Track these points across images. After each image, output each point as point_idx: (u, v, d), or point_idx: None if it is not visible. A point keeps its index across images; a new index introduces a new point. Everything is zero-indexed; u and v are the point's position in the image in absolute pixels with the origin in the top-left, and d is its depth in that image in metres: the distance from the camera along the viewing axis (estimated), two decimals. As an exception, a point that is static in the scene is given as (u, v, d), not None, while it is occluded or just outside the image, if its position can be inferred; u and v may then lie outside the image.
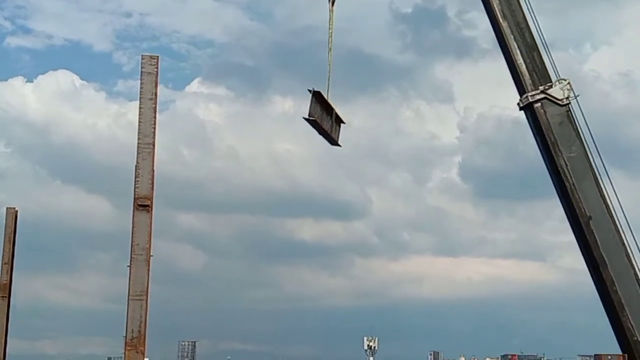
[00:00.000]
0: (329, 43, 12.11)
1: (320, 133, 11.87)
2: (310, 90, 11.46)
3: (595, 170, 11.05)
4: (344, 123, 12.38)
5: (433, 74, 47.72)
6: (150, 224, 9.52)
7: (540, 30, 11.24)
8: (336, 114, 12.01)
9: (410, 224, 42.66)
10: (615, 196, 11.00)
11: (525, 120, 11.48)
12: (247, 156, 41.29)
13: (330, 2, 12.23)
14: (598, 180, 11.03)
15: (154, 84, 9.88)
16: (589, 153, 11.05)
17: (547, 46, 11.25)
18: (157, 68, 9.92)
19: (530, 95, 11.13)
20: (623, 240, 10.94)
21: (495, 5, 11.32)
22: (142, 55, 10.21)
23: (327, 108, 11.84)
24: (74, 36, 53.57)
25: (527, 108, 11.28)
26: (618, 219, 10.93)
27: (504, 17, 11.29)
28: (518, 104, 11.41)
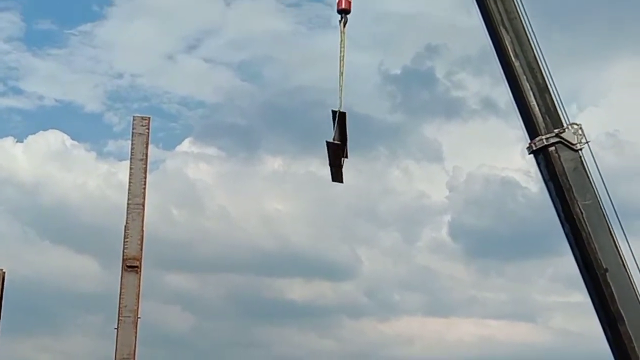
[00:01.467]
0: (340, 67, 11.47)
1: (332, 164, 11.30)
2: (334, 112, 11.09)
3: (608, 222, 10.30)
4: (347, 157, 11.71)
5: (422, 133, 45.40)
6: (139, 285, 9.81)
7: (550, 72, 10.61)
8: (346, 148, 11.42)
9: (401, 283, 41.14)
10: (629, 249, 10.22)
11: (525, 171, 10.67)
12: (237, 215, 41.64)
13: (342, 24, 11.65)
14: (612, 231, 10.30)
15: (144, 145, 10.28)
16: (601, 202, 10.34)
17: (556, 88, 10.60)
18: (148, 129, 10.28)
19: (545, 138, 10.41)
20: (638, 296, 10.14)
21: (507, 43, 10.67)
22: (133, 117, 10.55)
23: (342, 138, 11.31)
24: (65, 97, 55.83)
25: (540, 152, 10.53)
26: (631, 273, 10.18)
27: (516, 56, 10.63)
28: (528, 147, 10.66)
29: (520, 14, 10.75)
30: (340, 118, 10.97)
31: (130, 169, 10.27)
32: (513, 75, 10.64)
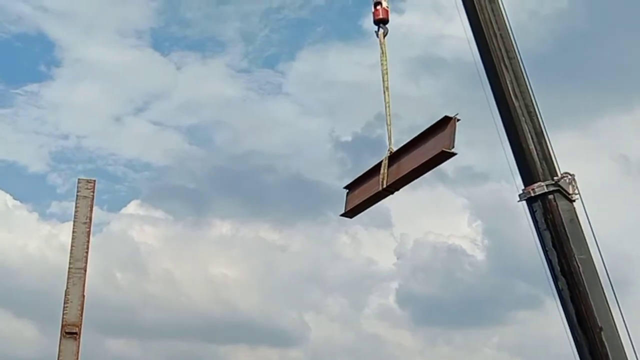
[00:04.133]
0: (384, 82, 10.37)
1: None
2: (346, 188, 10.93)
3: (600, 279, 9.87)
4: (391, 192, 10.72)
5: None
6: (77, 352, 9.46)
7: (543, 121, 10.08)
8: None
9: (348, 351, 41.57)
10: (619, 309, 9.77)
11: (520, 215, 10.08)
12: (182, 280, 40.38)
13: (382, 35, 10.63)
14: (603, 290, 9.86)
15: (89, 208, 9.97)
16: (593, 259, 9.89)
17: (548, 137, 10.09)
18: (93, 192, 10.02)
19: (546, 185, 9.87)
20: (627, 357, 9.72)
21: (508, 82, 10.15)
22: (78, 179, 10.17)
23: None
24: (9, 157, 52.15)
25: (537, 199, 9.95)
26: (619, 333, 9.76)
27: (516, 97, 10.11)
28: (522, 194, 10.09)
29: (517, 55, 10.27)
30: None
31: (73, 232, 9.92)
32: (511, 117, 10.09)
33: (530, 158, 9.96)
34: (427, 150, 10.01)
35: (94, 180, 9.89)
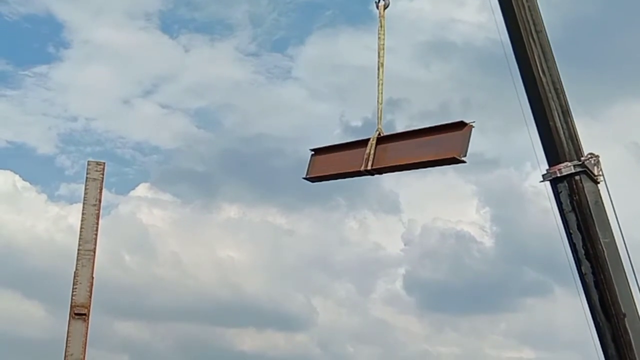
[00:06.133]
0: (379, 57, 9.84)
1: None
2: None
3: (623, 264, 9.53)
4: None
5: (380, 184, 45.33)
6: (86, 333, 9.32)
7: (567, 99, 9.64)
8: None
9: (355, 335, 41.27)
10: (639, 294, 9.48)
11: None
12: (190, 263, 40.07)
13: (382, 7, 10.09)
14: (627, 276, 9.54)
15: (98, 190, 9.94)
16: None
17: (573, 117, 9.67)
18: (102, 174, 9.98)
19: (573, 165, 9.47)
20: None
21: (535, 57, 9.69)
22: (88, 161, 10.16)
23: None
24: (18, 138, 51.32)
25: (563, 180, 9.55)
26: None
27: (543, 72, 9.67)
28: (547, 174, 9.68)
29: (544, 29, 9.82)
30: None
31: (83, 214, 9.91)
32: (538, 93, 9.64)
33: (557, 137, 9.56)
34: (433, 149, 9.50)
35: (104, 163, 9.79)
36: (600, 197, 9.59)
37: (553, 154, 9.60)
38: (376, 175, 10.04)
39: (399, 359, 40.11)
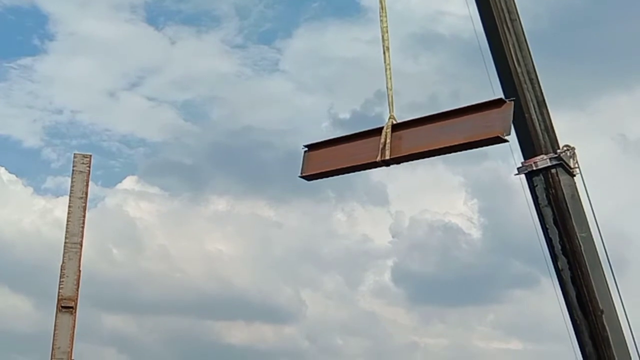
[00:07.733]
0: (384, 40, 9.14)
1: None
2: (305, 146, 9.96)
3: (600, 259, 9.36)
4: None
5: (369, 177, 43.00)
6: (74, 326, 9.49)
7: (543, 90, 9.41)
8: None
9: (343, 327, 39.86)
10: (617, 290, 9.26)
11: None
12: (178, 256, 39.45)
13: None
14: (604, 271, 9.34)
15: (85, 183, 10.03)
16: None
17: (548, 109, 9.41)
18: (89, 167, 10.11)
19: (549, 158, 9.23)
20: (625, 340, 9.30)
21: (510, 46, 9.47)
22: (74, 154, 10.15)
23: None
24: (3, 131, 51.28)
25: (539, 173, 9.31)
26: (619, 316, 9.35)
27: (518, 62, 9.46)
28: (523, 167, 9.45)
29: (519, 18, 9.57)
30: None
31: (69, 207, 9.75)
32: (513, 84, 9.41)
33: (533, 128, 9.31)
34: (467, 130, 8.55)
35: (90, 155, 9.77)
36: (577, 191, 9.35)
37: (528, 147, 9.35)
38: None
39: (387, 351, 39.00)
